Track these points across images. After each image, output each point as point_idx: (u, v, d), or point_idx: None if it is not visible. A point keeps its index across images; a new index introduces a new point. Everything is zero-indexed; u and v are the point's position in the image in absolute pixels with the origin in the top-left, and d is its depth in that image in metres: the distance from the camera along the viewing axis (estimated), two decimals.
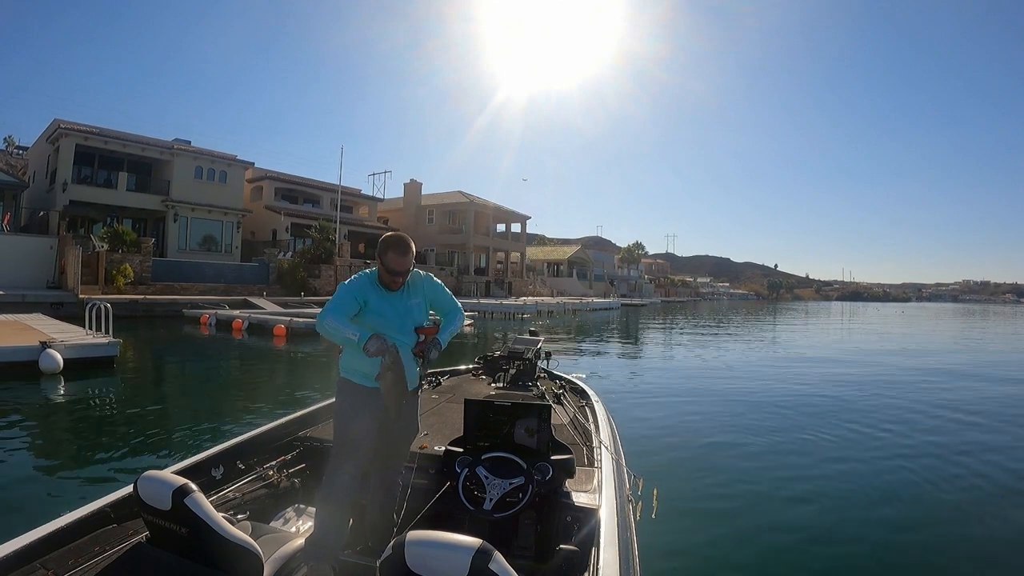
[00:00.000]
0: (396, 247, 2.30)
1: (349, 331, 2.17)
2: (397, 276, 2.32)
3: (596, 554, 1.97)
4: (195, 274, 25.32)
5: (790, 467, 5.40)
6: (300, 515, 2.69)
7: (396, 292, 2.37)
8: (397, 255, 2.29)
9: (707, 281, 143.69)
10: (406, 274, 2.35)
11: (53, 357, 8.57)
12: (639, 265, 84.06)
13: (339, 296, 2.30)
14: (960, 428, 7.21)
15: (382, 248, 2.31)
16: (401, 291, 2.38)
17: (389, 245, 2.31)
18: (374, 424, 2.33)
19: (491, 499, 2.32)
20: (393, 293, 2.36)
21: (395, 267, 2.30)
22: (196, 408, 7.88)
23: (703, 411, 7.88)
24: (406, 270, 2.34)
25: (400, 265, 2.30)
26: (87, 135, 26.35)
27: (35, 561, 1.77)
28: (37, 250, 22.16)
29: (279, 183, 35.55)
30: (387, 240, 2.33)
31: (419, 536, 1.22)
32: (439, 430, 3.27)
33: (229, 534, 1.55)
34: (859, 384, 10.58)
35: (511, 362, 4.69)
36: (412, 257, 2.34)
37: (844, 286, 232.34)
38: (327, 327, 2.22)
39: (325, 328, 2.23)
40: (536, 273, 56.89)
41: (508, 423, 2.59)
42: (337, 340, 2.23)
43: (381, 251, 2.31)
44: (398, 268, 2.30)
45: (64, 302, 18.56)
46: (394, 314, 2.34)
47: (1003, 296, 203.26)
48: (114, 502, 2.11)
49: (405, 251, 2.31)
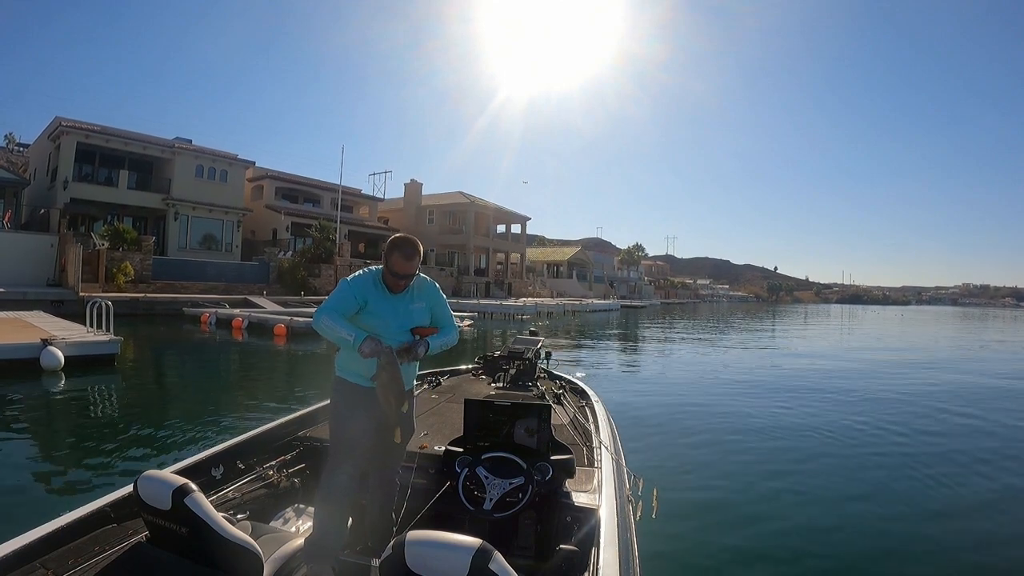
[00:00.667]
0: (402, 249, 2.24)
1: (344, 331, 2.13)
2: (401, 279, 2.27)
3: (596, 554, 1.96)
4: (195, 273, 25.32)
5: (790, 467, 5.41)
6: (300, 515, 2.68)
7: (398, 294, 2.32)
8: (403, 258, 2.23)
9: (707, 283, 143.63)
10: (411, 278, 2.30)
11: (54, 355, 8.58)
12: (639, 267, 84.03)
13: (339, 294, 2.26)
14: (966, 432, 7.21)
15: (388, 249, 2.25)
16: (404, 294, 2.33)
17: (395, 246, 2.25)
18: (371, 423, 2.31)
19: (491, 499, 2.32)
20: (395, 295, 2.31)
21: (399, 270, 2.24)
22: (196, 407, 7.87)
23: (703, 411, 7.88)
24: (411, 274, 2.28)
25: (405, 269, 2.25)
26: (88, 133, 26.36)
27: (35, 561, 1.77)
28: (38, 248, 22.16)
29: (280, 182, 35.55)
30: (394, 241, 2.27)
31: (419, 536, 1.22)
32: (439, 430, 3.27)
33: (229, 534, 1.54)
34: (860, 385, 10.57)
35: (511, 362, 4.69)
36: (418, 261, 2.28)
37: (844, 289, 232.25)
38: (323, 325, 2.18)
39: (321, 326, 2.19)
40: (536, 274, 56.89)
41: (508, 423, 2.59)
42: (332, 338, 2.19)
43: (387, 252, 2.25)
44: (402, 271, 2.25)
45: (64, 300, 18.56)
46: (393, 316, 2.29)
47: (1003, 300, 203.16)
48: (114, 502, 2.10)
49: (411, 255, 2.25)
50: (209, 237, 29.60)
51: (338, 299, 2.24)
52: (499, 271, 48.34)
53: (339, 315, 2.19)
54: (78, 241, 21.12)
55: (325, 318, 2.17)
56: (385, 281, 2.30)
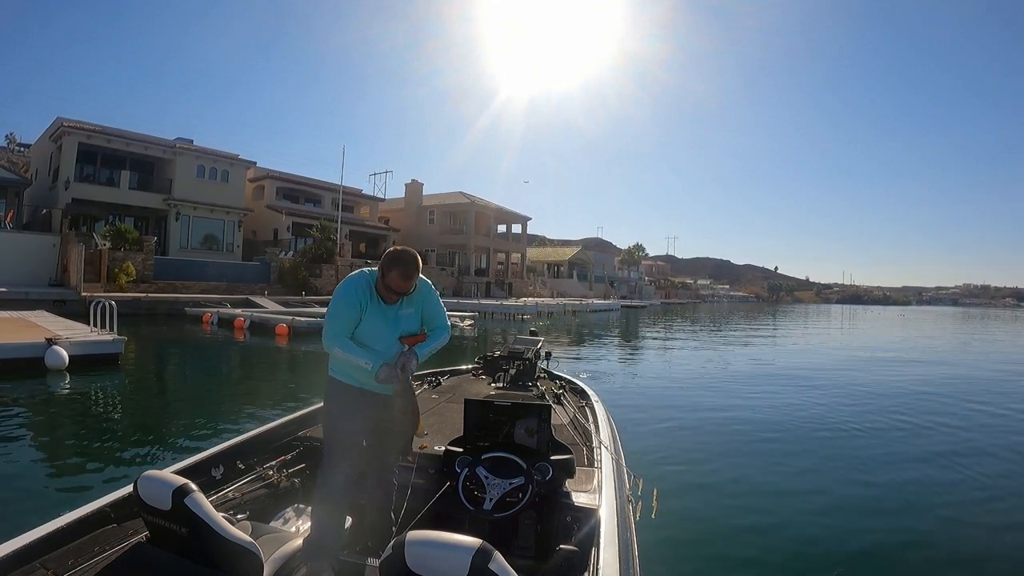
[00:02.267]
0: (402, 268, 2.16)
1: (361, 360, 2.18)
2: (395, 295, 2.26)
3: (596, 554, 1.96)
4: (197, 273, 25.34)
5: (790, 467, 5.40)
6: (300, 515, 2.68)
7: (391, 305, 2.30)
8: (400, 277, 2.17)
9: (707, 283, 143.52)
10: (405, 294, 2.27)
11: (59, 354, 8.61)
12: (639, 267, 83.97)
13: (340, 311, 2.21)
14: (970, 435, 7.20)
15: (388, 263, 2.18)
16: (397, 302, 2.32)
17: (395, 262, 2.17)
18: (365, 424, 2.31)
19: (491, 499, 2.32)
20: (389, 306, 2.29)
21: (396, 288, 2.21)
22: (200, 407, 7.90)
23: (703, 411, 7.87)
24: (406, 293, 2.26)
25: (401, 288, 2.22)
26: (90, 133, 26.39)
27: (35, 561, 1.77)
28: (40, 248, 22.19)
29: (280, 183, 35.57)
30: (395, 256, 2.18)
31: (419, 536, 1.22)
32: (439, 430, 3.27)
33: (229, 534, 1.54)
34: (861, 385, 10.56)
35: (511, 362, 4.68)
36: (415, 281, 2.23)
37: (844, 289, 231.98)
38: (336, 354, 2.24)
39: (334, 355, 2.25)
40: (536, 274, 56.88)
41: (508, 423, 2.59)
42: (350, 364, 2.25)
43: (386, 265, 2.18)
44: (399, 290, 2.23)
45: (67, 300, 18.59)
46: (384, 324, 2.27)
47: (1003, 300, 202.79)
48: (114, 502, 2.10)
49: (411, 275, 2.18)
50: (210, 237, 29.63)
51: (340, 320, 2.22)
52: (500, 271, 48.33)
53: (346, 337, 2.22)
54: (80, 241, 21.14)
55: (336, 348, 2.22)
56: (378, 290, 2.26)
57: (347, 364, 2.29)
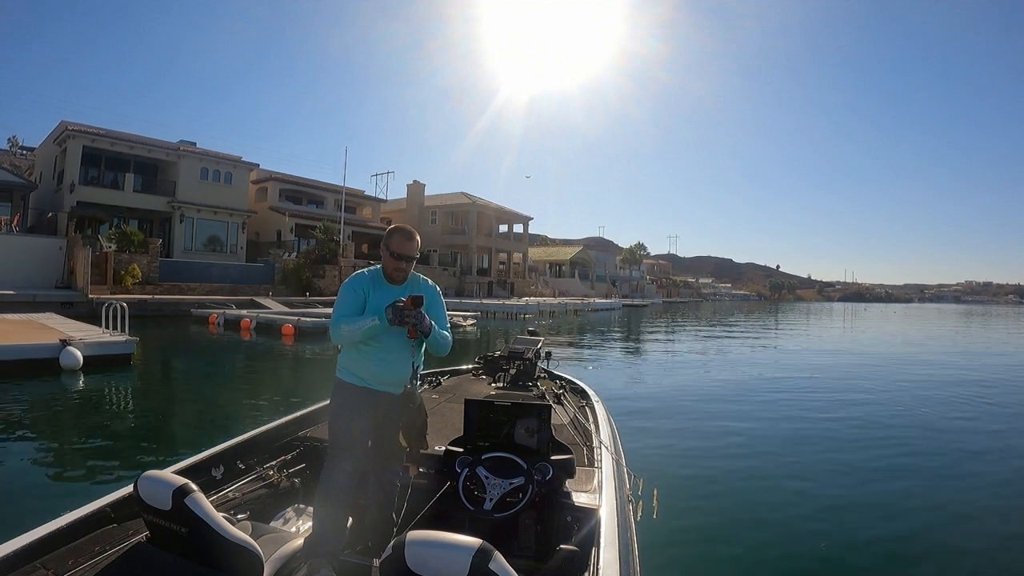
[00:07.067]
0: (401, 231, 2.37)
1: (366, 321, 2.23)
2: (402, 262, 2.34)
3: (596, 554, 1.96)
4: (201, 274, 25.46)
5: (790, 467, 5.39)
6: (300, 515, 2.69)
7: (396, 287, 2.38)
8: (403, 238, 2.34)
9: (709, 282, 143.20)
10: (411, 261, 2.38)
11: (73, 354, 8.76)
12: (641, 266, 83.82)
13: (343, 299, 2.35)
14: (971, 435, 7.16)
15: (387, 235, 2.37)
16: (403, 286, 2.40)
17: (394, 230, 2.39)
18: (369, 424, 2.33)
19: (491, 499, 2.32)
20: (393, 287, 2.37)
21: (401, 250, 2.33)
22: (211, 405, 8.02)
23: (703, 411, 7.86)
24: (411, 256, 2.36)
25: (406, 248, 2.33)
26: (94, 137, 26.50)
27: (35, 561, 1.77)
28: (46, 251, 22.32)
29: (283, 184, 35.67)
30: (391, 227, 2.42)
31: (419, 536, 1.22)
32: (439, 430, 3.27)
33: (229, 534, 1.55)
34: (861, 384, 10.52)
35: (511, 362, 4.68)
36: (417, 244, 2.40)
37: (846, 287, 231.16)
38: (343, 333, 2.27)
39: (341, 335, 2.27)
40: (538, 274, 56.88)
41: (508, 423, 2.59)
42: (359, 337, 2.26)
43: (386, 237, 2.37)
44: (404, 252, 2.33)
45: (74, 302, 18.71)
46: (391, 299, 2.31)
47: (1006, 297, 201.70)
48: (114, 502, 2.10)
49: (410, 235, 2.37)
50: (214, 239, 29.72)
51: (344, 303, 2.33)
52: (501, 271, 48.35)
53: (352, 315, 2.29)
54: (86, 244, 21.25)
55: (342, 325, 2.27)
56: (385, 273, 2.39)
57: (353, 364, 2.33)
